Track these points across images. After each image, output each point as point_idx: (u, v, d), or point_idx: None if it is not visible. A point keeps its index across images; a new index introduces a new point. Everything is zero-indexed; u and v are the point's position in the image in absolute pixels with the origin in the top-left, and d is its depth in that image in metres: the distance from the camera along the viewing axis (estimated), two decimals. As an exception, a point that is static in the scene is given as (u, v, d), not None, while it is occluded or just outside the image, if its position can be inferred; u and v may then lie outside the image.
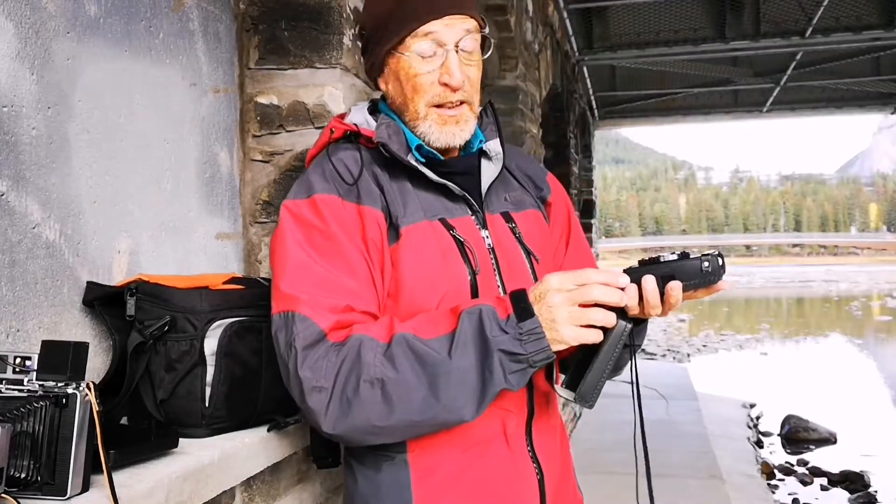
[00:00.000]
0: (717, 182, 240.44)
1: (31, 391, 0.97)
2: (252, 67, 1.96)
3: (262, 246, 1.97)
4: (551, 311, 1.04)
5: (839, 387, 11.75)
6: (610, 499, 4.86)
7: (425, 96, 1.23)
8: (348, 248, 1.15)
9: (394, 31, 1.23)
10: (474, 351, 1.04)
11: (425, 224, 1.21)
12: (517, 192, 1.36)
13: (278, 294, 1.15)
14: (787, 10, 6.87)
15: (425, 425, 1.08)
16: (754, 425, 8.52)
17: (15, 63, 1.23)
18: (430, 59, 1.22)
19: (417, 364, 1.04)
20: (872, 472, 6.85)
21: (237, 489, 1.36)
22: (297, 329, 1.09)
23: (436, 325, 1.08)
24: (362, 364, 1.05)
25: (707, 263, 1.04)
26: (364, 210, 1.18)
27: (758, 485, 5.60)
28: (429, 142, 1.25)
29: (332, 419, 1.07)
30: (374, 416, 1.05)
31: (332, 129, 1.29)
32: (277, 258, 1.17)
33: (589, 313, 1.04)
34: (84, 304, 1.37)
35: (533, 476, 1.23)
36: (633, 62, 8.34)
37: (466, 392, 1.04)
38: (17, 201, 1.23)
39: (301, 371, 1.07)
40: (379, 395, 1.04)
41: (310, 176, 1.23)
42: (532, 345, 1.03)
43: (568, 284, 1.04)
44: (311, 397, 1.07)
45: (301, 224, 1.17)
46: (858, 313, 26.90)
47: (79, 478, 0.97)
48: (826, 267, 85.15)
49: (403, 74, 1.24)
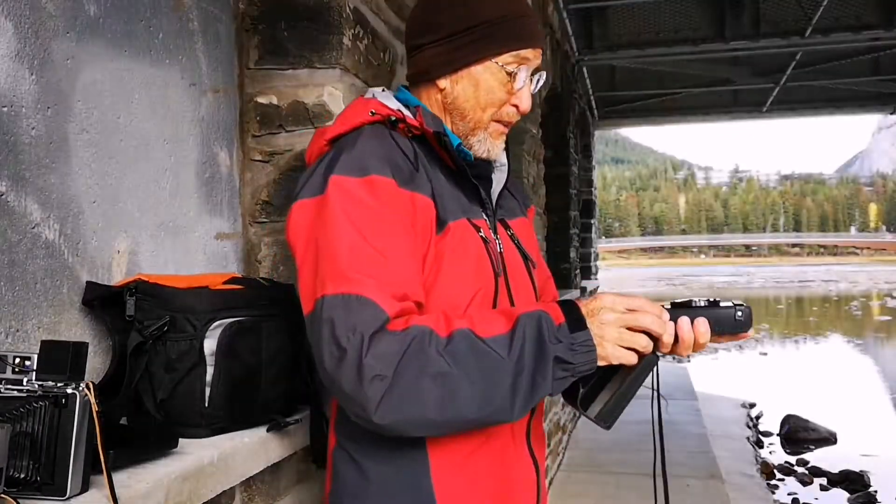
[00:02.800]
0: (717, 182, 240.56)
1: (30, 391, 0.97)
2: (252, 67, 1.96)
3: (262, 246, 1.97)
4: (602, 327, 1.07)
5: (839, 387, 11.75)
6: (609, 499, 4.87)
7: (495, 111, 1.27)
8: (402, 235, 1.12)
9: (500, 42, 1.23)
10: (531, 354, 1.05)
11: (464, 221, 1.22)
12: (508, 199, 1.39)
13: (335, 273, 1.07)
14: (787, 9, 6.88)
15: (475, 423, 1.07)
16: (754, 425, 8.53)
17: (14, 63, 1.23)
18: (513, 80, 1.25)
19: (478, 362, 1.03)
20: (872, 471, 6.85)
21: (237, 489, 1.36)
22: (364, 313, 1.04)
23: (491, 325, 1.07)
24: (425, 357, 1.02)
25: (740, 314, 1.12)
26: (417, 198, 1.16)
27: (757, 485, 5.60)
28: (474, 148, 1.28)
29: (385, 409, 1.02)
30: (429, 410, 1.03)
31: (372, 110, 1.24)
32: (328, 234, 1.10)
33: (636, 337, 1.08)
34: (83, 304, 1.37)
35: (532, 471, 1.28)
36: (632, 62, 8.34)
37: (518, 393, 1.04)
38: (17, 201, 1.23)
39: (366, 358, 1.01)
40: (438, 389, 1.02)
41: (362, 154, 1.16)
42: (582, 356, 1.06)
43: (621, 307, 1.09)
44: (370, 385, 1.01)
45: (354, 203, 1.11)
46: (858, 313, 26.92)
47: (78, 478, 0.97)
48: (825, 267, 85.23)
49: (486, 85, 1.25)
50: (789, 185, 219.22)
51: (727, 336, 1.14)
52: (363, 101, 1.28)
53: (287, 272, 1.96)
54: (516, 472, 1.25)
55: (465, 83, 1.26)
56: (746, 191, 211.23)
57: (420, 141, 1.24)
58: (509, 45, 1.24)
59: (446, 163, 1.24)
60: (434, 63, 1.27)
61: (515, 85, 1.26)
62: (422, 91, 1.32)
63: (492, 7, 1.24)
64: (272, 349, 1.41)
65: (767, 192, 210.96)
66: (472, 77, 1.25)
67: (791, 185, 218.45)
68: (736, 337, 1.14)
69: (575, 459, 5.65)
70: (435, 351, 1.03)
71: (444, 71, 1.27)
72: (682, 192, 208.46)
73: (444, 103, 1.29)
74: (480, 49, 1.24)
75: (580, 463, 5.55)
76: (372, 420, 1.03)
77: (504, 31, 1.23)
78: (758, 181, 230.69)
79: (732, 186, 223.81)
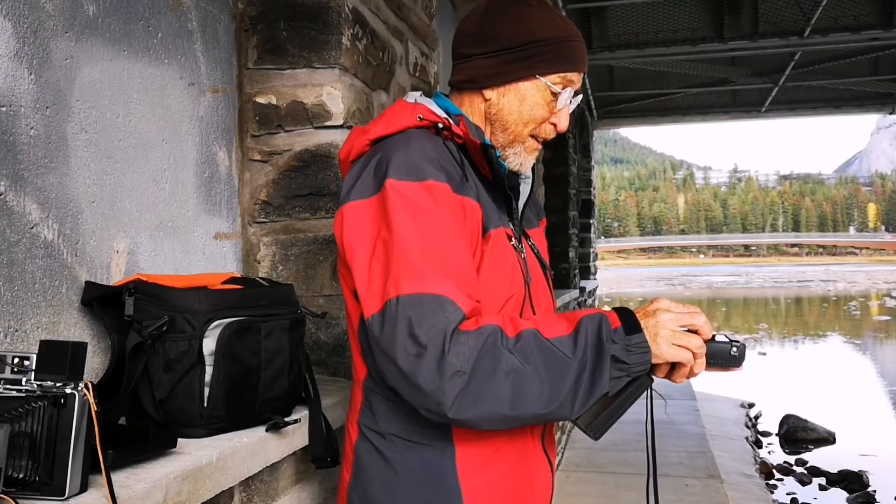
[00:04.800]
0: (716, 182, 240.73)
1: (29, 391, 0.97)
2: (250, 67, 1.96)
3: (261, 246, 1.97)
4: (657, 326, 1.13)
5: (838, 387, 11.76)
6: (608, 498, 4.87)
7: (535, 127, 1.32)
8: (460, 238, 1.17)
9: (551, 62, 1.28)
10: (592, 354, 1.10)
11: (502, 230, 1.28)
12: (527, 211, 1.43)
13: (412, 273, 1.10)
14: (786, 9, 6.88)
15: (539, 418, 1.12)
16: (753, 425, 8.54)
17: (13, 63, 1.23)
18: (557, 100, 1.30)
19: (545, 360, 1.09)
20: (871, 471, 6.86)
21: (235, 489, 1.36)
22: (445, 312, 1.08)
23: (554, 327, 1.12)
24: (499, 354, 1.08)
25: (735, 350, 1.18)
26: (467, 203, 1.21)
27: (756, 484, 5.60)
28: (509, 160, 1.33)
29: (461, 405, 1.07)
30: (502, 406, 1.08)
31: (420, 115, 1.27)
32: (397, 236, 1.13)
33: (689, 337, 1.14)
34: (82, 304, 1.37)
35: (547, 468, 1.35)
36: (631, 62, 8.35)
37: (579, 391, 1.09)
38: (16, 201, 1.23)
39: (448, 354, 1.06)
40: (511, 386, 1.07)
41: (416, 157, 1.18)
42: (637, 357, 1.11)
43: (676, 308, 1.16)
44: (450, 381, 1.06)
45: (415, 206, 1.14)
46: (857, 313, 26.93)
47: (77, 478, 0.97)
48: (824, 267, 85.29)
49: (531, 101, 1.30)
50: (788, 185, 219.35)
51: (718, 368, 1.19)
52: (408, 105, 1.31)
53: (286, 272, 1.96)
54: (534, 470, 1.31)
55: (511, 97, 1.30)
56: (745, 191, 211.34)
57: (460, 149, 1.28)
58: (559, 67, 1.29)
59: (482, 172, 1.29)
60: (484, 73, 1.31)
61: (558, 105, 1.31)
62: (465, 98, 1.35)
63: (547, 28, 1.29)
64: (271, 349, 1.41)
65: (766, 193, 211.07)
66: (519, 92, 1.30)
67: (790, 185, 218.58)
68: (726, 370, 1.19)
69: (574, 459, 5.65)
70: (507, 349, 1.08)
71: (492, 82, 1.31)
72: (681, 192, 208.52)
73: (488, 113, 1.33)
74: (532, 66, 1.28)
75: (579, 463, 5.55)
76: (447, 415, 1.08)
77: (555, 53, 1.29)
78: (757, 181, 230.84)
79: (731, 186, 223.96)
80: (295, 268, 1.95)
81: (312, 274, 1.95)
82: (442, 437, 1.21)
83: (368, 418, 1.28)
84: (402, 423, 1.23)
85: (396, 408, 1.23)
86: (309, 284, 1.95)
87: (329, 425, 1.51)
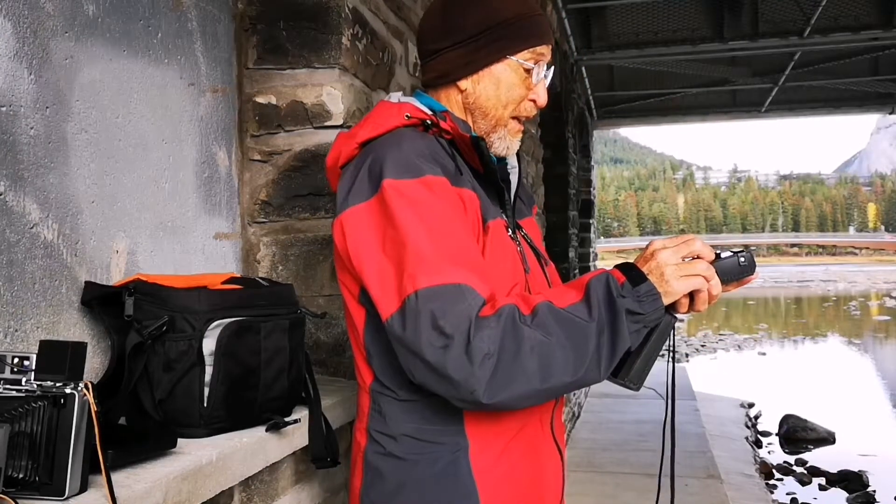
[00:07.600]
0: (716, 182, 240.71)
1: (29, 391, 0.97)
2: (250, 67, 1.96)
3: (261, 246, 1.97)
4: (660, 266, 1.13)
5: (837, 387, 11.77)
6: (608, 498, 4.87)
7: (515, 107, 1.32)
8: (464, 229, 1.18)
9: (518, 40, 1.29)
10: (607, 313, 1.11)
11: (499, 221, 1.29)
12: (517, 200, 1.43)
13: (426, 267, 1.10)
14: (786, 9, 6.88)
15: (571, 386, 1.12)
16: (752, 425, 8.54)
17: (13, 63, 1.23)
18: (531, 75, 1.30)
19: (564, 329, 1.09)
20: (871, 471, 6.86)
21: (235, 489, 1.36)
22: (466, 300, 1.09)
23: (564, 297, 1.13)
24: (521, 332, 1.08)
25: (743, 259, 1.18)
26: (465, 194, 1.21)
27: (756, 484, 5.60)
28: (494, 146, 1.33)
29: (494, 388, 1.07)
30: (533, 381, 1.08)
31: (407, 114, 1.28)
32: (404, 234, 1.13)
33: (694, 264, 1.14)
34: (82, 304, 1.37)
35: (558, 457, 1.36)
36: (631, 62, 8.34)
37: (602, 352, 1.10)
38: (16, 201, 1.23)
39: (475, 340, 1.07)
40: (538, 360, 1.08)
41: (410, 155, 1.19)
42: (649, 304, 1.11)
43: (671, 243, 1.16)
44: (481, 366, 1.06)
45: (417, 203, 1.15)
46: (857, 313, 26.94)
47: (77, 478, 0.97)
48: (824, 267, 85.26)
49: (507, 82, 1.30)
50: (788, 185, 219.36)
51: (735, 283, 1.19)
52: (393, 105, 1.31)
53: (286, 272, 1.96)
54: (545, 459, 1.32)
55: (486, 82, 1.31)
56: (745, 191, 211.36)
57: (450, 145, 1.28)
58: (527, 43, 1.29)
59: (472, 166, 1.29)
60: (456, 65, 1.31)
61: (533, 80, 1.31)
62: (441, 94, 1.35)
63: (508, 8, 1.29)
64: (271, 349, 1.41)
65: (766, 192, 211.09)
66: (493, 76, 1.30)
67: (790, 185, 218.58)
68: (743, 282, 1.19)
69: (573, 459, 5.65)
70: (526, 325, 1.09)
71: (465, 72, 1.31)
72: (681, 192, 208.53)
73: (466, 104, 1.33)
74: (501, 48, 1.29)
75: (579, 463, 5.55)
76: (481, 401, 1.08)
77: (520, 30, 1.29)
78: (756, 181, 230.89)
79: (731, 186, 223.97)
80: (295, 268, 1.95)
81: (312, 274, 1.95)
82: (455, 433, 1.22)
83: (378, 422, 1.27)
84: (415, 422, 1.23)
85: (408, 407, 1.24)
86: (309, 284, 1.95)
87: (329, 425, 1.51)
